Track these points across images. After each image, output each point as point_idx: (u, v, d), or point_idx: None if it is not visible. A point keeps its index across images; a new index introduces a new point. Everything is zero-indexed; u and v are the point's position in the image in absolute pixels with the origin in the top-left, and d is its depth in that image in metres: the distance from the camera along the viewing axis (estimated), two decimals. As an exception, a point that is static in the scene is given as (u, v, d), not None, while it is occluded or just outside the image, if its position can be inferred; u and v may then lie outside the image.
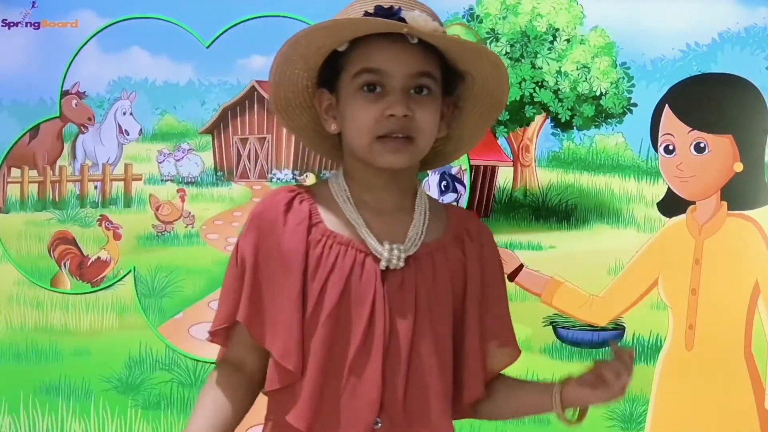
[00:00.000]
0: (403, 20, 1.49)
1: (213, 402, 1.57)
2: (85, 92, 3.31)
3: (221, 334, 1.61)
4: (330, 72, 1.56)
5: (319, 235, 1.55)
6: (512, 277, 2.97)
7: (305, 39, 1.52)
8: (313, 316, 1.53)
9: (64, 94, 3.31)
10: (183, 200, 3.29)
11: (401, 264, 1.55)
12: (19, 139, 3.34)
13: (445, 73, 1.57)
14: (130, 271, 3.28)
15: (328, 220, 1.57)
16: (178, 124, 3.34)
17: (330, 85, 1.57)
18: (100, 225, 3.32)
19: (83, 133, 3.34)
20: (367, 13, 1.51)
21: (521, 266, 2.99)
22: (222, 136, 3.31)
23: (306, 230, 1.55)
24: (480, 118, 1.64)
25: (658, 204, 2.97)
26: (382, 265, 1.54)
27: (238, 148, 3.31)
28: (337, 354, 1.53)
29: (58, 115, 3.32)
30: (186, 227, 3.28)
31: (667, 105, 2.94)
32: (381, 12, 1.50)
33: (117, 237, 3.30)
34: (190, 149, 3.30)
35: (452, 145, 1.67)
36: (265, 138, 3.29)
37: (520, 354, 1.68)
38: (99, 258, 3.31)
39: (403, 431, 1.55)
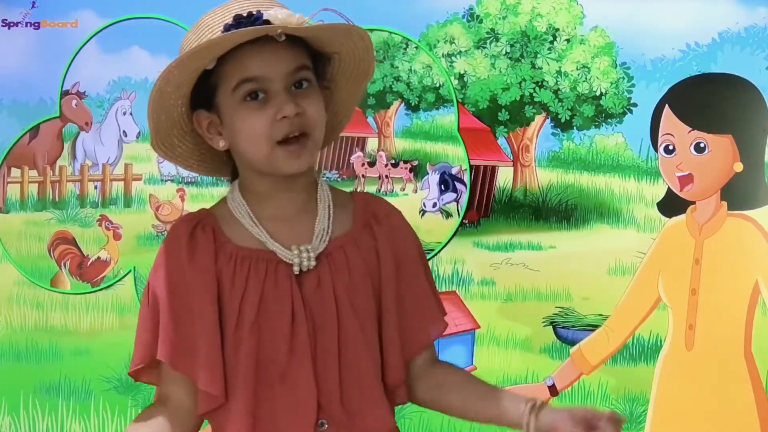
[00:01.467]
0: (267, 22, 1.48)
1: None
2: (85, 92, 3.31)
3: (142, 373, 1.62)
4: (203, 92, 1.54)
5: (228, 254, 1.55)
6: (554, 392, 2.96)
7: (177, 69, 1.50)
8: (236, 335, 1.53)
9: (64, 94, 3.31)
10: (183, 200, 3.29)
11: (313, 263, 1.55)
12: (19, 139, 3.34)
13: (314, 59, 1.57)
14: (130, 271, 3.28)
15: (234, 237, 1.56)
16: None
17: (206, 104, 1.55)
18: (100, 225, 3.32)
19: (84, 131, 3.33)
20: (228, 26, 1.49)
21: (553, 385, 2.97)
22: None
23: (213, 256, 1.54)
24: (349, 92, 1.64)
25: (658, 204, 2.97)
26: (295, 269, 1.54)
27: None
28: (265, 366, 1.53)
29: (58, 115, 3.32)
30: (186, 227, 3.28)
31: (667, 105, 2.94)
32: (243, 21, 1.48)
33: (117, 237, 3.30)
34: None
35: (333, 120, 1.65)
36: None
37: (446, 326, 1.67)
38: (99, 258, 3.31)
39: (347, 426, 1.55)
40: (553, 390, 2.97)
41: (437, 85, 3.10)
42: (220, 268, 1.54)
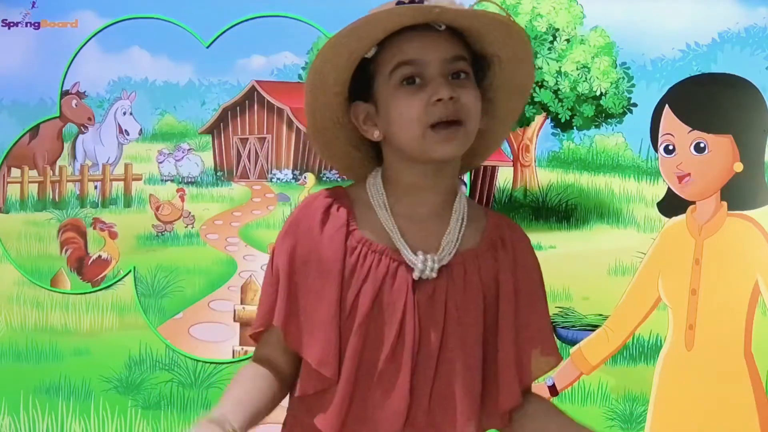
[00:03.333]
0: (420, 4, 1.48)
1: (251, 379, 1.56)
2: (85, 92, 3.31)
3: (259, 337, 1.60)
4: (360, 83, 1.54)
5: (355, 242, 1.54)
6: (554, 392, 2.96)
7: (337, 46, 1.49)
8: (347, 324, 1.52)
9: (64, 94, 3.31)
10: (183, 200, 3.29)
11: (434, 275, 1.53)
12: (19, 139, 3.34)
13: (475, 60, 1.56)
14: (130, 271, 3.28)
15: (364, 226, 1.55)
16: (178, 124, 3.33)
17: (362, 96, 1.55)
18: (94, 228, 3.31)
19: (83, 133, 3.34)
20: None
21: (553, 386, 2.98)
22: (222, 136, 3.31)
23: (344, 237, 1.54)
24: (507, 108, 1.61)
25: (658, 204, 2.97)
26: (416, 275, 1.53)
27: (238, 148, 3.30)
28: (367, 363, 1.52)
29: (58, 115, 3.32)
30: (186, 227, 3.28)
31: (667, 105, 2.94)
32: (404, 4, 1.48)
33: (113, 236, 3.30)
34: (190, 149, 3.30)
35: (486, 139, 1.63)
36: (265, 138, 3.29)
37: (560, 361, 1.66)
38: (100, 257, 3.31)
39: None
40: (553, 390, 2.97)
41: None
42: (346, 253, 1.53)
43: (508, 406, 1.59)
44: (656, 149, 2.96)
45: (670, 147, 2.93)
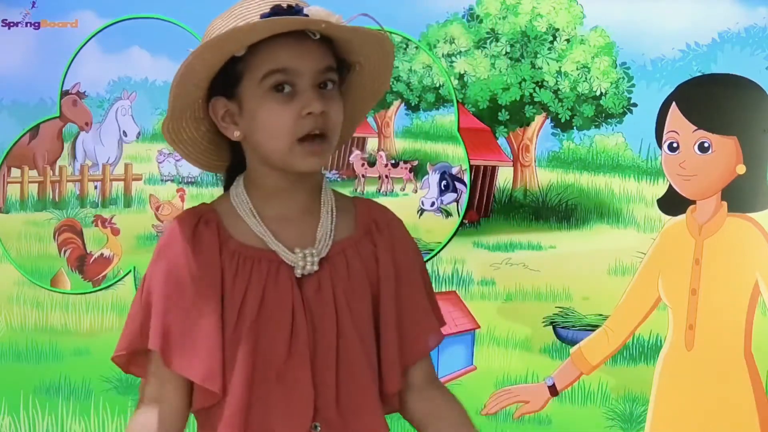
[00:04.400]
0: (305, 16, 1.48)
1: None
2: (85, 92, 3.31)
3: (122, 360, 1.60)
4: (227, 79, 1.53)
5: (231, 252, 1.54)
6: (554, 392, 2.96)
7: (213, 48, 1.50)
8: (235, 333, 1.52)
9: (65, 94, 3.31)
10: (183, 200, 3.29)
11: (315, 268, 1.54)
12: (19, 139, 3.34)
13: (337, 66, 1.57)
14: (130, 271, 3.28)
15: (237, 234, 1.56)
16: None
17: (226, 92, 1.55)
18: (96, 225, 3.32)
19: (84, 131, 3.33)
20: (265, 15, 1.48)
21: (553, 385, 2.98)
22: None
23: (218, 251, 1.54)
24: (358, 109, 1.64)
25: (658, 201, 2.97)
26: (297, 272, 1.54)
27: None
28: (263, 366, 1.52)
29: (58, 115, 3.32)
30: (186, 227, 3.28)
31: (674, 102, 2.94)
32: (282, 12, 1.48)
33: (116, 233, 3.30)
34: None
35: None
36: None
37: (441, 339, 1.67)
38: (102, 255, 3.31)
39: (341, 430, 1.55)
40: (553, 390, 2.97)
41: (437, 85, 3.10)
42: (223, 265, 1.53)
43: (392, 389, 1.60)
44: (660, 146, 2.96)
45: (675, 144, 2.93)
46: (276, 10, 1.48)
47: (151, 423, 1.57)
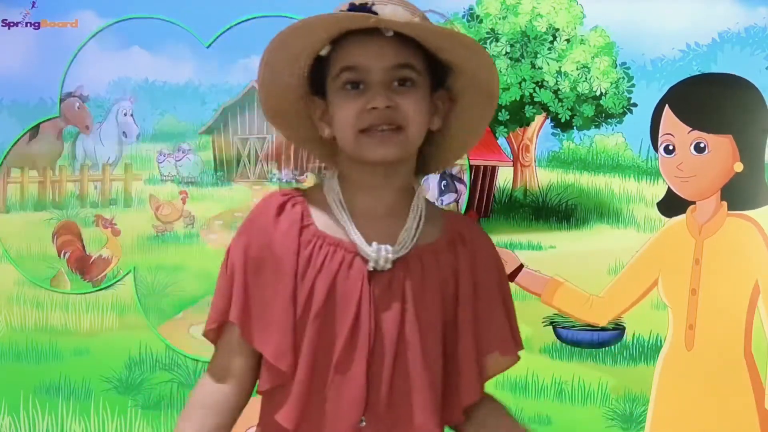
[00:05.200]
0: (374, 14, 1.49)
1: (201, 412, 1.59)
2: (87, 95, 3.31)
3: (212, 335, 1.62)
4: (318, 78, 1.58)
5: (310, 236, 1.56)
6: (512, 277, 2.97)
7: (280, 43, 1.53)
8: (302, 317, 1.54)
9: (67, 96, 3.31)
10: (183, 201, 3.29)
11: (389, 265, 1.55)
12: (19, 139, 3.34)
13: (432, 65, 1.57)
14: (130, 271, 3.28)
15: (320, 222, 1.58)
16: (178, 124, 3.32)
17: (321, 92, 1.58)
18: (97, 225, 3.32)
19: (84, 134, 3.34)
20: (339, 11, 1.52)
21: (521, 266, 2.99)
22: (222, 136, 3.30)
23: (297, 232, 1.56)
24: (476, 111, 1.64)
25: (658, 204, 2.97)
26: (370, 265, 1.55)
27: (238, 148, 3.30)
28: (324, 354, 1.54)
29: (58, 115, 3.32)
30: (186, 227, 3.28)
31: (667, 105, 2.94)
32: (354, 9, 1.51)
33: (116, 233, 3.30)
34: (189, 149, 3.30)
35: (453, 142, 1.66)
36: (265, 138, 3.28)
37: (517, 361, 1.68)
38: (101, 256, 3.31)
39: (387, 429, 1.55)
40: (517, 271, 2.96)
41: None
42: (300, 247, 1.55)
43: (469, 401, 1.61)
44: (656, 149, 2.96)
45: (670, 147, 2.94)
46: (350, 8, 1.51)
47: (218, 396, 1.59)
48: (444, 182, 3.13)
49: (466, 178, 3.10)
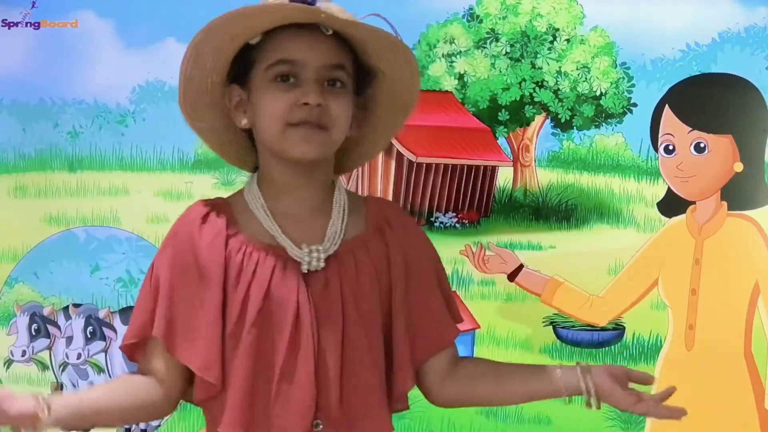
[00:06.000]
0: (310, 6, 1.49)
1: (110, 383, 1.64)
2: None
3: (130, 350, 1.61)
4: (241, 66, 1.56)
5: (238, 244, 1.55)
6: (512, 277, 2.98)
7: (220, 27, 1.52)
8: (238, 326, 1.53)
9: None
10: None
11: (321, 265, 1.55)
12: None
13: (356, 72, 1.58)
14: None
15: (247, 228, 1.57)
16: None
17: (240, 80, 1.57)
18: None
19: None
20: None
21: (521, 266, 2.99)
22: None
23: (224, 241, 1.54)
24: (388, 120, 1.64)
25: (658, 204, 2.97)
26: (303, 268, 1.54)
27: None
28: (265, 361, 1.53)
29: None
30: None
31: (667, 105, 2.94)
32: (297, 1, 1.50)
33: None
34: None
35: (362, 147, 1.67)
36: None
37: (457, 333, 1.67)
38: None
39: (344, 429, 1.55)
40: (516, 271, 2.96)
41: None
42: (228, 257, 1.54)
43: (403, 389, 1.61)
44: (656, 149, 2.96)
45: (670, 147, 2.94)
46: (293, 1, 1.50)
47: (151, 396, 1.59)
48: (90, 327, 3.11)
49: (116, 321, 3.07)
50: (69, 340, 3.17)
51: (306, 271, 1.55)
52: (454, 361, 1.67)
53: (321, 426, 1.54)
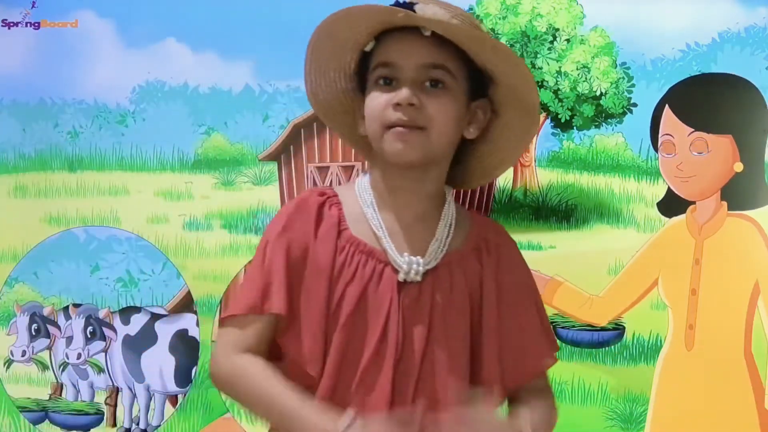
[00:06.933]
0: (413, 12, 1.50)
1: (272, 375, 1.54)
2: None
3: (230, 322, 1.57)
4: (363, 75, 1.59)
5: (344, 242, 1.56)
6: None
7: (325, 32, 1.55)
8: (330, 324, 1.54)
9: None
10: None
11: (419, 278, 1.55)
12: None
13: (473, 72, 1.57)
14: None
15: (354, 226, 1.57)
16: (230, 147, 3.01)
17: (362, 88, 1.60)
18: None
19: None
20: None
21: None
22: (292, 163, 2.78)
23: (336, 236, 1.55)
24: (516, 125, 1.61)
25: (658, 204, 2.97)
26: (401, 277, 1.55)
27: (314, 180, 2.77)
28: (349, 363, 1.53)
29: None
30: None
31: (667, 105, 2.94)
32: (397, 5, 1.52)
33: None
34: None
35: (496, 156, 1.65)
36: (353, 166, 2.74)
37: (554, 363, 1.66)
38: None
39: None
40: None
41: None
42: (336, 252, 1.55)
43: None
44: (656, 149, 2.96)
45: (670, 147, 2.94)
46: (395, 4, 1.52)
47: (273, 371, 1.54)
48: (90, 328, 3.11)
49: (116, 321, 3.07)
50: (69, 340, 3.17)
51: (402, 280, 1.55)
52: (536, 392, 1.65)
53: None
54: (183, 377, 3.11)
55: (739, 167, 2.89)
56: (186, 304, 3.08)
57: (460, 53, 1.55)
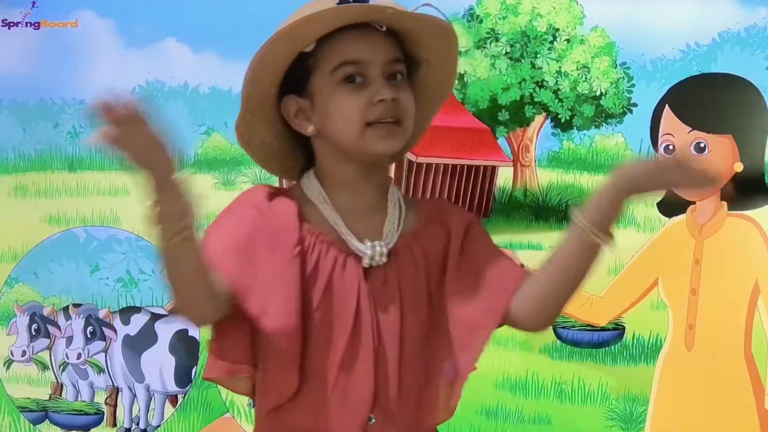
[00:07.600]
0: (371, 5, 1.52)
1: None
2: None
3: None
4: (296, 76, 1.56)
5: (305, 231, 1.54)
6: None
7: (285, 39, 1.52)
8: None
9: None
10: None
11: (384, 260, 1.55)
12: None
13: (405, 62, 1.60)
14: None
15: (310, 219, 1.56)
16: (230, 147, 3.07)
17: (296, 89, 1.57)
18: None
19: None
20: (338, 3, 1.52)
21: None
22: None
23: (296, 214, 1.54)
24: (426, 108, 1.64)
25: (658, 204, 2.97)
26: (365, 263, 1.55)
27: None
28: (323, 355, 1.52)
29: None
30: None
31: (667, 105, 2.94)
32: (344, 2, 1.50)
33: None
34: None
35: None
36: None
37: (524, 270, 1.69)
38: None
39: (399, 423, 1.55)
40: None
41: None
42: (302, 236, 1.53)
43: (467, 371, 1.59)
44: (656, 149, 2.96)
45: (670, 147, 2.94)
46: (340, 2, 1.51)
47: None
48: (90, 327, 3.11)
49: (116, 321, 3.07)
50: (69, 340, 3.17)
51: (368, 266, 1.55)
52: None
53: (374, 420, 1.54)
54: (183, 377, 3.11)
55: (739, 167, 2.89)
56: (186, 304, 3.06)
57: (398, 42, 1.57)
